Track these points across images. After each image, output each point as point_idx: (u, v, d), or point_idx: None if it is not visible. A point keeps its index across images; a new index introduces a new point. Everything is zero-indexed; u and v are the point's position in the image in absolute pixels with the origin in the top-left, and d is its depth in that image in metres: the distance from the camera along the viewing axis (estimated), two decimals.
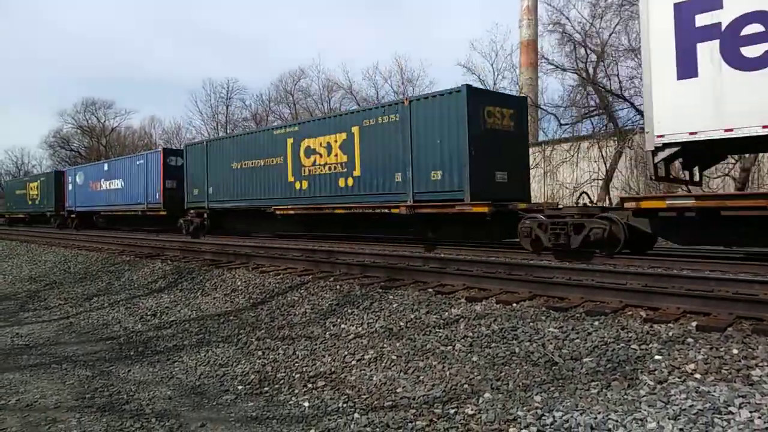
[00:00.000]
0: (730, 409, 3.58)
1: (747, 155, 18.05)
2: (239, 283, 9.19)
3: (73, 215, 31.40)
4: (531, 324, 5.49)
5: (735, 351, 4.32)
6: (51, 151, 62.30)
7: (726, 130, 7.97)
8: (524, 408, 4.08)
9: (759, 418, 3.46)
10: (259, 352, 6.23)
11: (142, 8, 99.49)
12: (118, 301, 9.97)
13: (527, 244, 10.90)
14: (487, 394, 4.39)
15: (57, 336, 8.16)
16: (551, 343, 5.03)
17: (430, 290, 7.11)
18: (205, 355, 6.41)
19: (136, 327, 8.20)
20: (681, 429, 3.47)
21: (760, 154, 18.27)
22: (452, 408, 4.29)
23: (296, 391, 5.11)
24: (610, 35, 21.59)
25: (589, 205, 11.20)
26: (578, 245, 10.10)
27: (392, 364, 5.29)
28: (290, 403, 4.88)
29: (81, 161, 55.99)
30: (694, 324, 4.93)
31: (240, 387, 5.40)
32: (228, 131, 45.84)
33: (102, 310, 9.57)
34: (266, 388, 5.27)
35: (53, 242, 20.13)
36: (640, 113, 21.04)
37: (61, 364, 6.48)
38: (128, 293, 10.38)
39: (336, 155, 15.22)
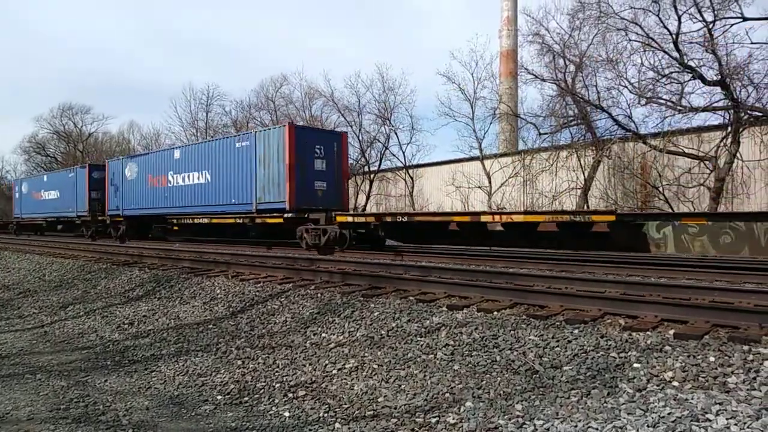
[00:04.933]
0: (708, 416, 3.63)
1: (721, 165, 18.45)
2: (218, 292, 9.10)
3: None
4: (512, 332, 5.52)
5: (712, 359, 4.39)
6: (26, 156, 61.20)
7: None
8: (505, 416, 4.09)
9: (735, 425, 3.51)
10: (239, 362, 6.16)
11: (121, 13, 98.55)
12: (94, 309, 9.79)
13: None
14: (468, 403, 4.39)
15: (31, 345, 7.99)
16: (532, 352, 5.05)
17: (412, 298, 7.11)
18: (183, 365, 6.32)
19: (112, 336, 8.06)
20: None
21: (734, 164, 18.66)
22: (434, 417, 4.28)
23: (276, 401, 5.06)
24: (588, 47, 21.90)
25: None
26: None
27: (374, 373, 5.27)
28: (270, 413, 4.83)
29: (57, 167, 55.07)
30: (671, 332, 5.00)
31: (219, 397, 5.33)
32: (208, 138, 45.41)
33: (78, 318, 9.39)
34: (246, 398, 5.21)
35: (27, 249, 19.75)
36: (618, 123, 21.41)
37: (35, 375, 6.34)
38: (105, 301, 10.21)
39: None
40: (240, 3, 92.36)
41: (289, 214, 16.54)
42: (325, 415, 4.63)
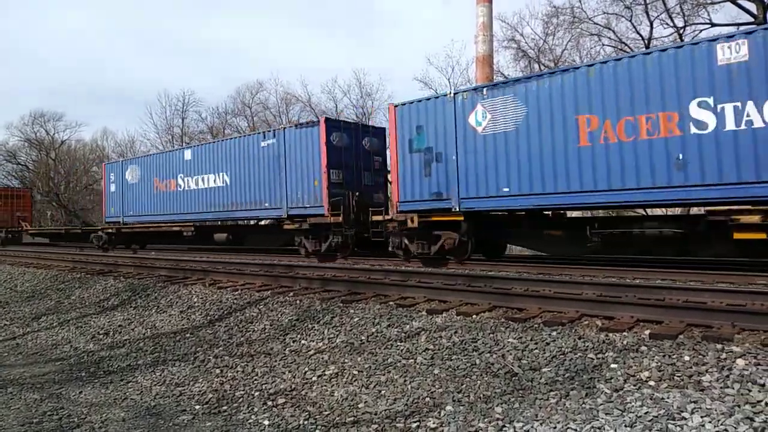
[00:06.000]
0: (683, 414, 3.69)
1: None
2: (196, 300, 8.99)
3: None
4: (491, 335, 5.54)
5: (686, 358, 4.46)
6: None
7: None
8: (485, 420, 4.11)
9: (710, 422, 3.57)
10: (217, 370, 6.09)
11: (96, 18, 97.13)
12: (68, 320, 9.60)
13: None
14: (448, 407, 4.40)
15: (2, 358, 7.80)
16: (511, 354, 5.08)
17: (392, 303, 7.11)
18: (160, 375, 6.23)
19: (87, 347, 7.91)
20: None
21: None
22: (414, 422, 4.28)
23: (256, 409, 5.01)
24: (562, 51, 22.28)
25: None
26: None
27: (354, 379, 5.25)
28: (250, 421, 4.78)
29: (28, 175, 54.02)
30: (647, 332, 5.07)
31: (197, 407, 5.26)
32: (183, 144, 44.93)
33: (51, 329, 9.20)
34: (225, 407, 5.15)
35: None
36: None
37: (5, 388, 6.19)
38: (79, 312, 10.02)
39: None
40: (215, 7, 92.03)
41: None
42: (306, 422, 4.60)
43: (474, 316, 6.19)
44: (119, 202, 22.17)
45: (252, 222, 16.99)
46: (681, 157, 8.84)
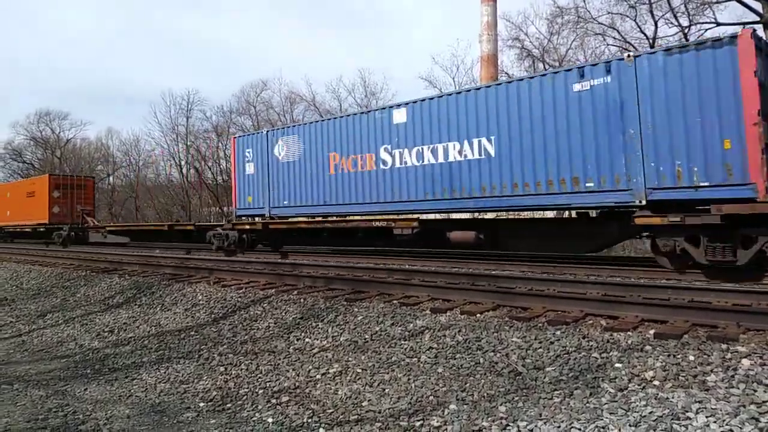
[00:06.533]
0: (688, 414, 3.68)
1: None
2: (200, 298, 9.02)
3: None
4: (495, 334, 5.54)
5: (691, 358, 4.45)
6: (2, 163, 60.22)
7: None
8: (489, 419, 4.10)
9: (715, 422, 3.56)
10: (222, 368, 6.10)
11: (101, 17, 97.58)
12: (73, 317, 9.64)
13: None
14: (452, 406, 4.40)
15: (8, 355, 7.84)
16: (515, 353, 5.08)
17: (395, 302, 7.11)
18: (165, 372, 6.25)
19: (92, 344, 7.93)
20: None
21: None
22: (418, 420, 4.28)
23: (260, 407, 5.02)
24: (567, 51, 22.24)
25: None
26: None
27: (357, 377, 5.26)
28: (254, 419, 4.79)
29: (34, 173, 54.22)
30: (652, 332, 5.06)
31: (202, 404, 5.27)
32: (188, 143, 44.99)
33: (56, 327, 9.24)
34: (229, 405, 5.16)
35: (4, 257, 19.41)
36: None
37: (12, 385, 6.21)
38: (84, 309, 10.06)
39: None
40: (216, 7, 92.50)
41: None
42: (309, 420, 4.61)
43: (478, 315, 6.19)
44: (262, 188, 15.95)
45: (541, 214, 11.40)
46: None
